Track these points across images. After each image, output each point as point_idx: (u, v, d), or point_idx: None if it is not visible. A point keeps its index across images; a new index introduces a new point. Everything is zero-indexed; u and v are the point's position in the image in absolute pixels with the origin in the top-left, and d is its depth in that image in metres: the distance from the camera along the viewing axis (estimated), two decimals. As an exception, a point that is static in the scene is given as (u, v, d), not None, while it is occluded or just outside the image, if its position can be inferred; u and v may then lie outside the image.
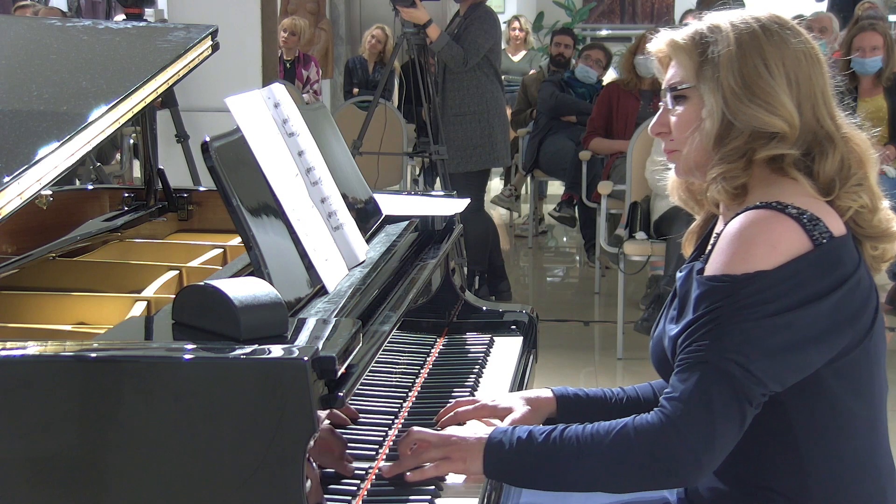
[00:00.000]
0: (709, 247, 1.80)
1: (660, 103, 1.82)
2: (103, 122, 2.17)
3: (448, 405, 1.98)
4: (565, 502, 1.89)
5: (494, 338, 2.52)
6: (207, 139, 1.77)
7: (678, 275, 1.82)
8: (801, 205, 1.65)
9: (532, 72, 8.48)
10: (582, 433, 1.68)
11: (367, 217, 2.30)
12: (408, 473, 1.73)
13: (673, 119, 1.78)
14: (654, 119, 1.82)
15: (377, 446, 1.85)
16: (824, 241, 1.63)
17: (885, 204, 1.75)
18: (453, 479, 1.77)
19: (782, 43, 1.71)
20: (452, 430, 1.83)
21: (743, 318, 1.60)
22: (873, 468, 1.74)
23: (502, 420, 1.91)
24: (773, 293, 1.60)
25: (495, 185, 9.01)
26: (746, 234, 1.64)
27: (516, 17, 9.96)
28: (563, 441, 1.68)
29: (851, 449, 1.71)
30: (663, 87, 1.80)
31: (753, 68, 1.69)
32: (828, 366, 1.66)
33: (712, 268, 1.67)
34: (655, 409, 1.65)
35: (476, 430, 1.82)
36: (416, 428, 1.81)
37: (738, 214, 1.68)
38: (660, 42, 1.80)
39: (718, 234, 1.74)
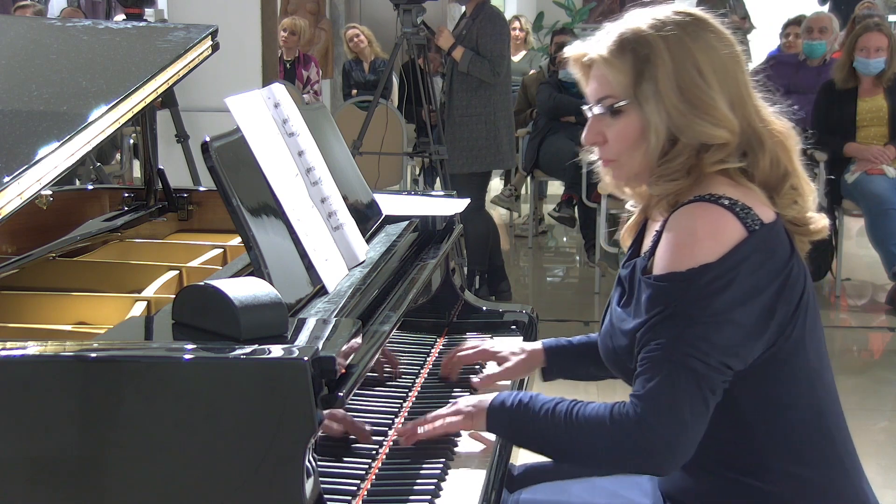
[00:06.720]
0: (648, 241, 1.83)
1: (588, 113, 1.80)
2: (103, 122, 2.17)
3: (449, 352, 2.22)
4: (566, 501, 1.92)
5: (494, 338, 2.52)
6: (207, 139, 1.77)
7: (621, 271, 1.86)
8: (731, 195, 1.69)
9: (532, 72, 8.47)
10: (569, 412, 1.75)
11: (367, 217, 2.30)
12: (420, 429, 1.86)
13: (609, 131, 1.77)
14: (587, 129, 1.80)
15: (377, 446, 1.85)
16: (757, 227, 1.67)
17: (812, 199, 1.79)
18: (456, 475, 1.77)
19: (709, 48, 1.72)
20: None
21: (695, 316, 1.64)
22: (823, 429, 1.77)
23: (499, 365, 2.19)
24: (719, 284, 1.64)
25: (495, 185, 8.99)
26: (688, 229, 1.67)
27: (516, 17, 9.94)
28: (553, 416, 1.76)
29: (798, 416, 1.75)
30: (592, 98, 1.78)
31: (691, 80, 1.70)
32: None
33: (659, 266, 1.70)
34: (630, 401, 1.70)
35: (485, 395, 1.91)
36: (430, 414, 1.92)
37: (674, 209, 1.71)
38: (583, 51, 1.79)
39: (658, 231, 1.75)
